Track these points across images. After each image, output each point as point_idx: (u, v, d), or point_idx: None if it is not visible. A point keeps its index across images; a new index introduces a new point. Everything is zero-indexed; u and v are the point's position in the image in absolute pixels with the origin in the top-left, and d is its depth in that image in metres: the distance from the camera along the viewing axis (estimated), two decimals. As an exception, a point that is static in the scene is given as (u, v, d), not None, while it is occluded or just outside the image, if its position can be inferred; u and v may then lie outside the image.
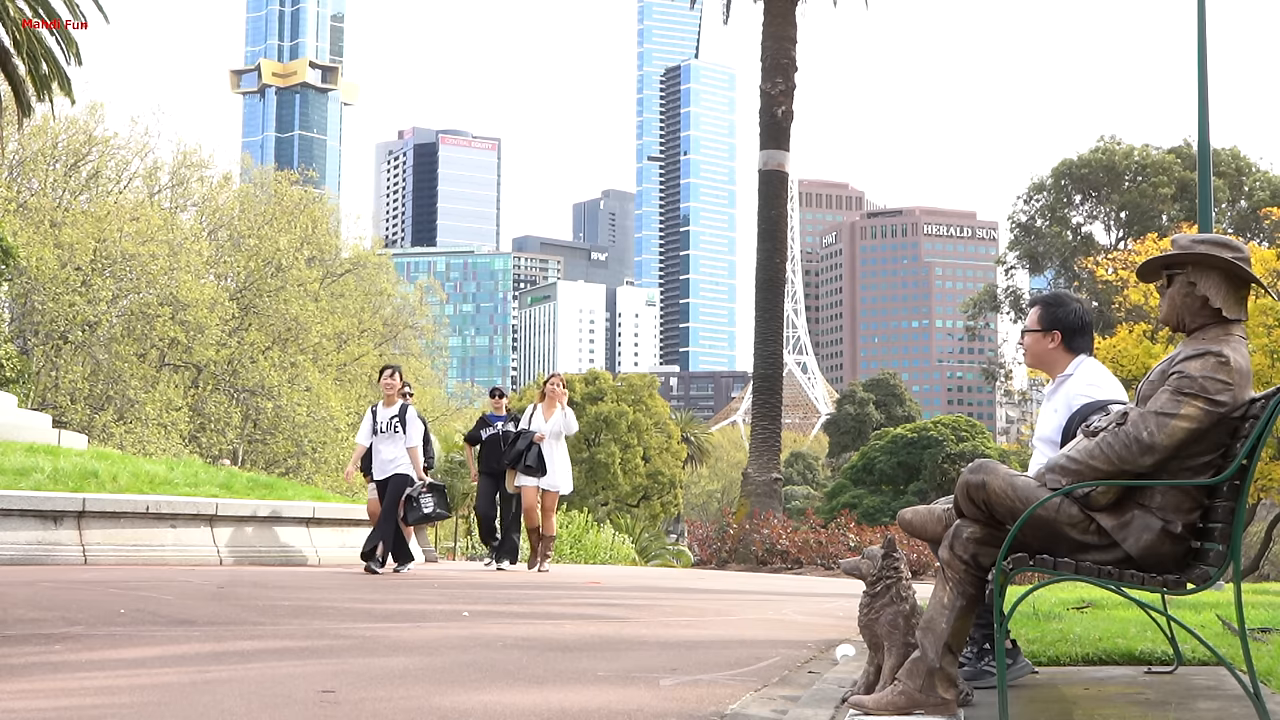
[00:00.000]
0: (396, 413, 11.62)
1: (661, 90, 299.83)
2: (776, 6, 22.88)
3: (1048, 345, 4.76)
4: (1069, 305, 4.84)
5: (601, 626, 7.14)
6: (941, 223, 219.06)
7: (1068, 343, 4.75)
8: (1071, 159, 61.69)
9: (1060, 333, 4.75)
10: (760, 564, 18.74)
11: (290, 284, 38.22)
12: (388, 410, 11.69)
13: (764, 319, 22.44)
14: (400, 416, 11.60)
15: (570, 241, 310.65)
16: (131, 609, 6.95)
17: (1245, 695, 3.57)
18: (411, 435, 11.59)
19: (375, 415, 11.74)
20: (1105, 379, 4.67)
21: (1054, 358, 4.76)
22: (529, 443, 12.52)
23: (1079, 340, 4.76)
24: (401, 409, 11.66)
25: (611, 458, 58.53)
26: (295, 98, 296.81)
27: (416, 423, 11.74)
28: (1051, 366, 4.78)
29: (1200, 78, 12.72)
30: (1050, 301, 4.87)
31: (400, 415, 11.60)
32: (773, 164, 22.64)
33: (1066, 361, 4.73)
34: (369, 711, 4.01)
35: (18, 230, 30.47)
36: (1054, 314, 4.78)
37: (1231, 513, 3.58)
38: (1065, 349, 4.74)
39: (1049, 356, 4.77)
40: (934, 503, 4.39)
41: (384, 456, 11.59)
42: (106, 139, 36.97)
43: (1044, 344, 4.77)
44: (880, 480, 55.11)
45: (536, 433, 12.55)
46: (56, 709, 4.01)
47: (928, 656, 3.74)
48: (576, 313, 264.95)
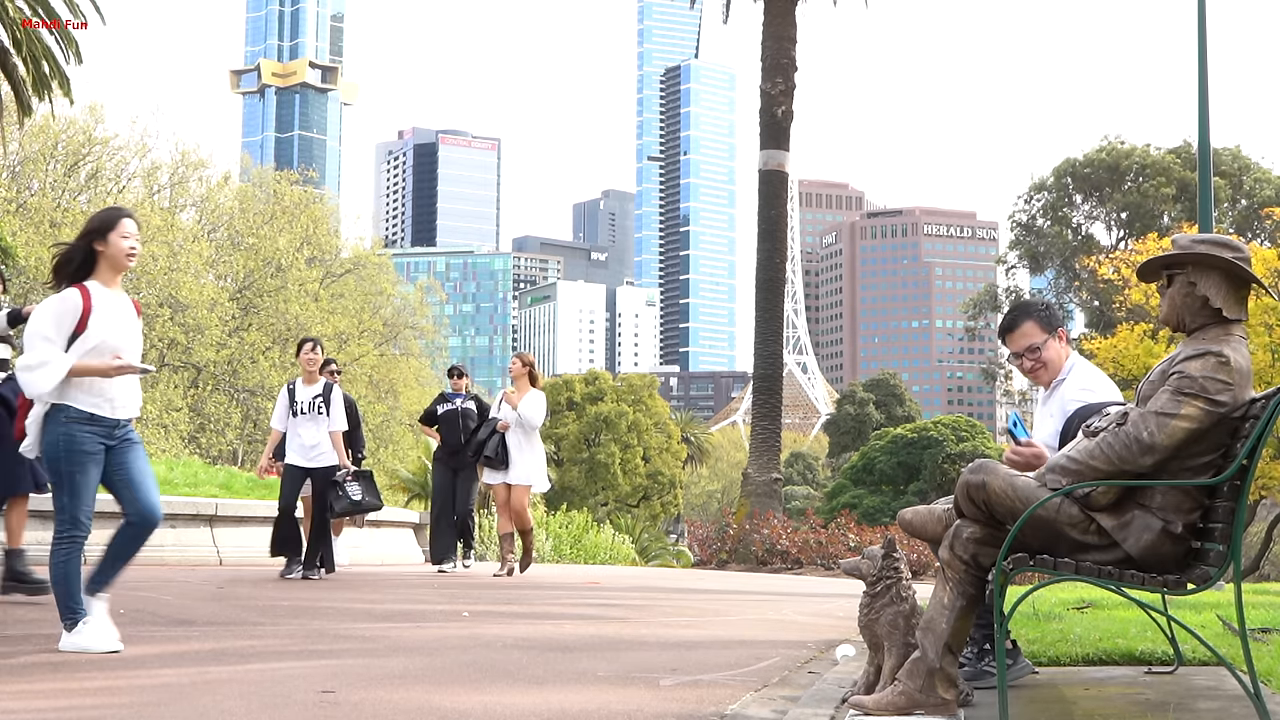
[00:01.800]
0: (320, 392, 10.42)
1: (661, 90, 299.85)
2: (776, 6, 22.88)
3: (1060, 352, 4.73)
4: (1043, 303, 4.87)
5: (601, 626, 7.14)
6: (941, 223, 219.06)
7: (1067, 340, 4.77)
8: (1074, 158, 61.69)
9: (1063, 329, 4.76)
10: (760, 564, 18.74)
11: (290, 284, 38.24)
12: (309, 389, 10.46)
13: (764, 319, 22.45)
14: (324, 396, 10.41)
15: (570, 241, 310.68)
16: (131, 609, 6.95)
17: (1245, 695, 3.56)
18: (335, 418, 10.41)
19: (293, 395, 10.46)
20: (1098, 381, 4.66)
21: (1062, 360, 4.73)
22: (490, 431, 11.30)
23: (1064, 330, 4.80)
24: (325, 388, 10.48)
25: (611, 458, 58.55)
26: (295, 98, 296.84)
27: (342, 404, 10.58)
28: (1059, 368, 4.74)
29: (1200, 78, 12.72)
30: (1033, 309, 4.81)
31: (324, 395, 10.42)
32: (773, 164, 22.65)
33: (1064, 359, 4.73)
34: (369, 711, 4.01)
35: (18, 230, 30.49)
36: (1046, 316, 4.77)
37: (1232, 513, 3.58)
38: (1067, 345, 4.75)
39: (1059, 361, 4.72)
40: (934, 503, 4.39)
41: (305, 441, 10.27)
42: (106, 139, 36.99)
43: (1059, 352, 4.73)
44: (880, 480, 55.09)
45: (500, 420, 11.31)
46: (56, 709, 4.01)
47: (928, 656, 3.74)
48: (576, 313, 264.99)
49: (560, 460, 57.75)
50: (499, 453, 11.16)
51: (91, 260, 5.37)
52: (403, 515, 17.31)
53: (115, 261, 5.38)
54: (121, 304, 5.44)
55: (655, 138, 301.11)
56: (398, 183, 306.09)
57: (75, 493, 5.29)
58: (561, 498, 49.34)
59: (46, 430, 5.28)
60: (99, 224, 5.38)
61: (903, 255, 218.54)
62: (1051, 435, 4.58)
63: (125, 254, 5.37)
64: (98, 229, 5.36)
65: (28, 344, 5.29)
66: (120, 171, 38.42)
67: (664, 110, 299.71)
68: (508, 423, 11.26)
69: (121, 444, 5.41)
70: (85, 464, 5.29)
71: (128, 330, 5.43)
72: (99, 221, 5.39)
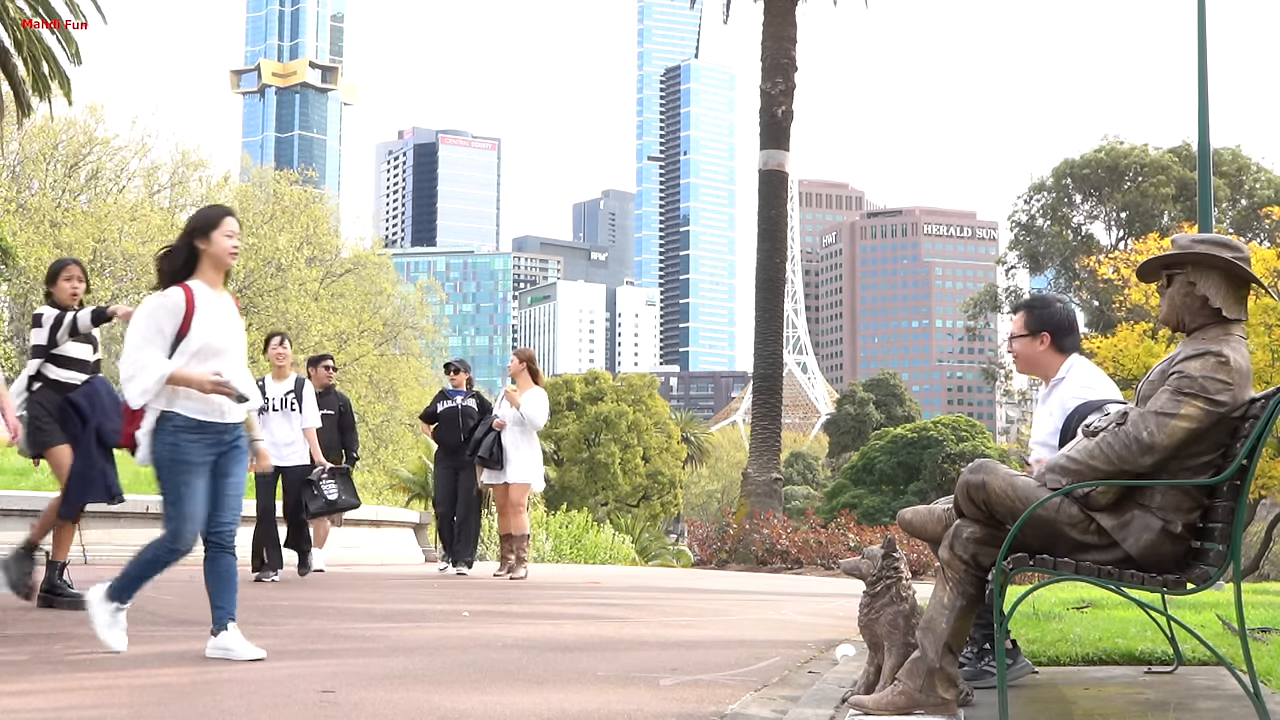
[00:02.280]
0: (291, 387, 10.10)
1: (661, 90, 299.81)
2: (776, 6, 22.87)
3: (1038, 348, 4.77)
4: (1054, 306, 4.87)
5: (601, 626, 7.14)
6: (941, 223, 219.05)
7: (1057, 343, 4.76)
8: (1073, 159, 61.76)
9: (1049, 334, 4.76)
10: (760, 564, 18.74)
11: (290, 283, 38.23)
12: (280, 385, 10.11)
13: (764, 319, 22.44)
14: (296, 392, 10.08)
15: (570, 241, 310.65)
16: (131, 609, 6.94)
17: (1245, 695, 3.57)
18: (308, 414, 10.13)
19: (264, 391, 9.95)
20: (1098, 379, 4.67)
21: (1045, 360, 4.77)
22: (487, 429, 11.05)
23: (1068, 340, 4.78)
24: (297, 383, 10.16)
25: (611, 458, 58.55)
26: (295, 98, 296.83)
27: (314, 399, 10.31)
28: (1044, 369, 4.78)
29: (1200, 78, 12.72)
30: (1035, 304, 4.88)
31: (296, 390, 10.09)
32: (773, 164, 22.64)
33: (1058, 363, 4.75)
34: (369, 711, 4.01)
35: (18, 230, 30.50)
36: (1040, 316, 4.79)
37: (1231, 512, 3.58)
38: (1055, 350, 4.76)
39: (1040, 360, 4.78)
40: (934, 503, 4.39)
41: (278, 439, 9.85)
42: (106, 139, 37.00)
43: (1034, 347, 4.78)
44: (880, 480, 55.09)
45: (496, 418, 11.07)
46: (56, 709, 4.01)
47: (928, 656, 3.74)
48: (576, 313, 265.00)
49: (560, 460, 57.75)
50: (493, 452, 10.93)
51: (194, 259, 5.20)
52: (403, 515, 17.30)
53: (218, 260, 5.21)
54: (225, 305, 5.27)
55: (655, 138, 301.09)
56: (398, 183, 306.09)
57: (179, 505, 5.06)
58: (561, 498, 49.35)
59: (154, 439, 5.07)
60: (202, 222, 5.21)
61: (903, 255, 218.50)
62: (1050, 434, 4.59)
63: (228, 252, 5.21)
64: (200, 227, 5.20)
65: (127, 348, 5.08)
66: (120, 171, 38.44)
67: (664, 110, 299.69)
68: (504, 421, 11.00)
69: (230, 451, 5.21)
70: (190, 475, 5.06)
71: (231, 332, 5.25)
72: (202, 220, 5.23)
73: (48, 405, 6.95)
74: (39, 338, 7.02)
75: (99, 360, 7.34)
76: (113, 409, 6.87)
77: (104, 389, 7.12)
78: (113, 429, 6.71)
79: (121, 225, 33.56)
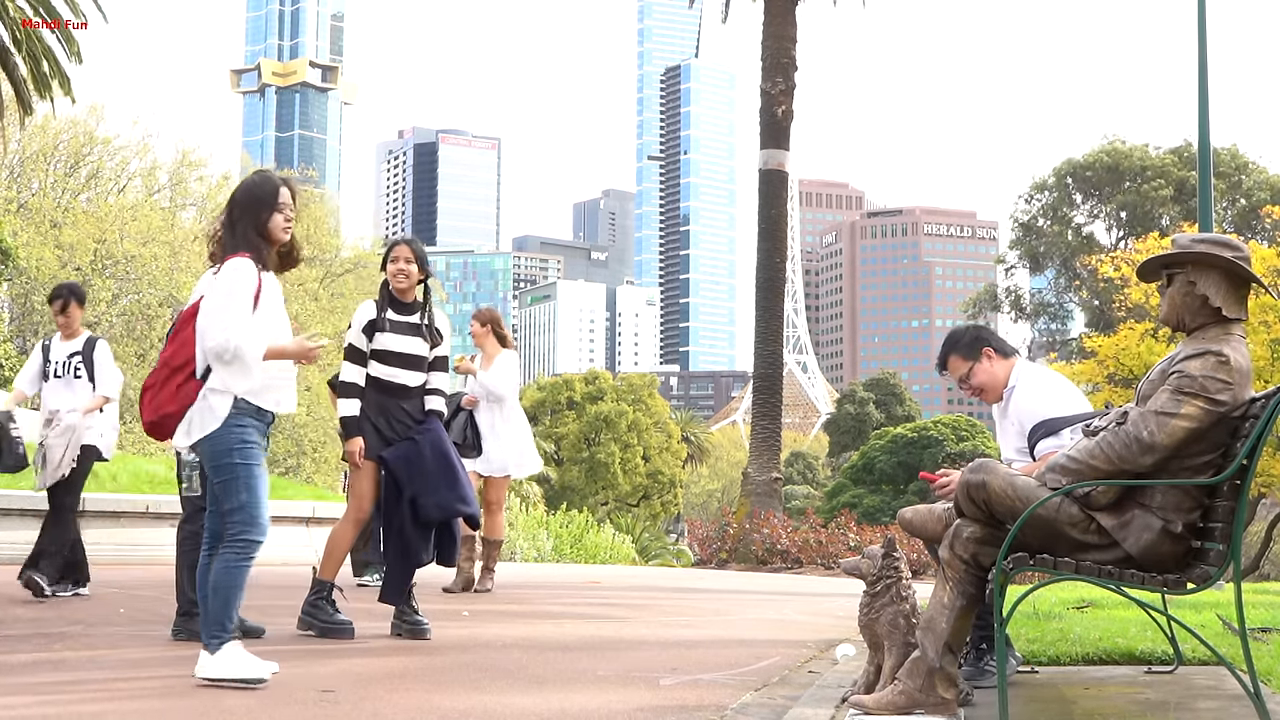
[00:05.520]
0: (79, 348, 7.98)
1: (661, 90, 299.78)
2: (776, 6, 22.85)
3: (990, 366, 4.77)
4: (964, 330, 4.92)
5: (601, 626, 7.14)
6: (941, 222, 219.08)
7: (1000, 352, 4.77)
8: (1074, 159, 61.74)
9: (987, 348, 4.77)
10: (760, 564, 18.73)
11: (290, 283, 38.23)
12: (65, 345, 8.04)
13: (764, 319, 22.42)
14: (84, 355, 7.97)
15: (570, 241, 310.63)
16: (131, 609, 6.95)
17: (1245, 695, 3.57)
18: (105, 381, 8.01)
19: (48, 353, 8.08)
20: (1048, 389, 4.67)
21: (1000, 372, 4.78)
22: (455, 408, 8.86)
23: (1003, 344, 4.82)
24: (87, 343, 8.01)
25: (611, 457, 58.54)
26: (295, 97, 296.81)
27: (111, 364, 8.10)
28: (1001, 382, 4.78)
29: (1200, 78, 12.71)
30: (954, 341, 4.86)
31: (84, 353, 7.98)
32: (773, 163, 22.62)
33: (1006, 371, 4.76)
34: (369, 711, 4.01)
35: (18, 230, 30.47)
36: (968, 343, 4.81)
37: (1232, 512, 3.58)
38: (1001, 358, 4.77)
39: (998, 374, 4.77)
40: (934, 503, 4.39)
41: (59, 410, 7.96)
42: (107, 139, 36.98)
43: (988, 368, 4.77)
44: (880, 480, 55.08)
45: (465, 395, 9.05)
46: (56, 709, 4.01)
47: (928, 656, 3.74)
48: (576, 312, 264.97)
49: (560, 460, 57.75)
50: (466, 436, 8.91)
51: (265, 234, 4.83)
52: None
53: (273, 236, 4.85)
54: (277, 284, 4.91)
55: (655, 137, 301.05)
56: (398, 182, 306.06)
57: (253, 489, 4.59)
58: (561, 497, 49.35)
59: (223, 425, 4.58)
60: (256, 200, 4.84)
61: (903, 255, 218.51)
62: (1019, 448, 4.63)
63: (282, 228, 4.85)
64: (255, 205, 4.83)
65: (219, 313, 4.59)
66: (121, 171, 38.42)
67: (664, 110, 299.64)
68: (474, 397, 9.02)
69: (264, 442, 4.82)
70: (259, 457, 4.65)
71: (281, 311, 4.91)
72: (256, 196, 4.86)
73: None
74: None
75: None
76: None
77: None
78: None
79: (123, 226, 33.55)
